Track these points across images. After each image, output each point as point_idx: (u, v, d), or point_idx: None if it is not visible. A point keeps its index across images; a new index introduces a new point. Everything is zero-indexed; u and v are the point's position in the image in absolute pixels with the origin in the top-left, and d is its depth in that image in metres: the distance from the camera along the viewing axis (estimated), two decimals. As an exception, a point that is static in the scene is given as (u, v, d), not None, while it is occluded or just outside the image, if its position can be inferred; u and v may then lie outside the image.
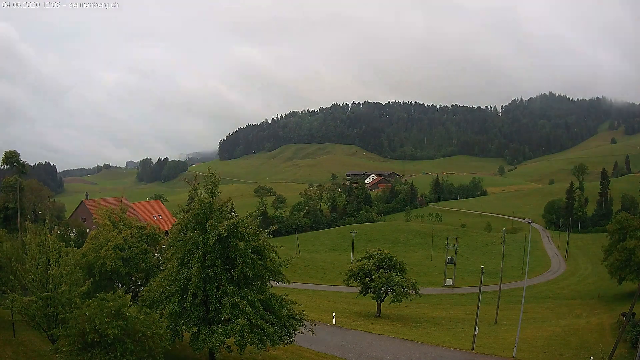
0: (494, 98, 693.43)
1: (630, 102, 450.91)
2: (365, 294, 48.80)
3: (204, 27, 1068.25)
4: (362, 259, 50.30)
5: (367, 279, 47.47)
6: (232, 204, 30.36)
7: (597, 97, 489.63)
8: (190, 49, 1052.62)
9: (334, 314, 41.97)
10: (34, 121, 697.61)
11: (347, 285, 50.58)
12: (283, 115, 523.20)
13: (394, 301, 47.05)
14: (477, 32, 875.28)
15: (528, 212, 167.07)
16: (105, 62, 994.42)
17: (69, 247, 20.75)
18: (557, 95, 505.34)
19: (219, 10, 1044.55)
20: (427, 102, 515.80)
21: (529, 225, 38.08)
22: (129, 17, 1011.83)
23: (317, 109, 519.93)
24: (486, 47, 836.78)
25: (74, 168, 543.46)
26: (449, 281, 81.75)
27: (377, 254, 49.39)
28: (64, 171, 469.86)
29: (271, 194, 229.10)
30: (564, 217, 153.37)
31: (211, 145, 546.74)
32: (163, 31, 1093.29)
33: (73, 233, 61.23)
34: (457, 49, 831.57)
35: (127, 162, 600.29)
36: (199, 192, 23.37)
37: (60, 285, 18.84)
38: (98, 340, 16.39)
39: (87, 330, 16.34)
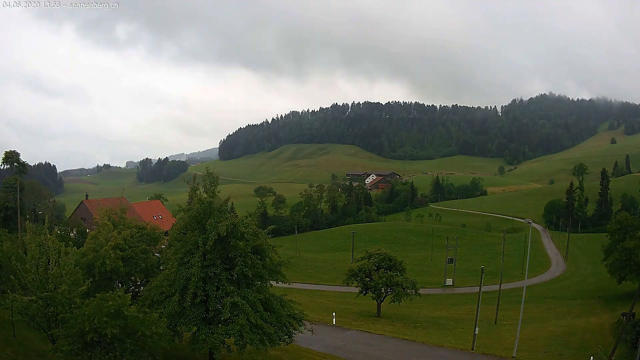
0: (494, 98, 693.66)
1: (631, 102, 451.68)
2: (365, 294, 48.80)
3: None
4: (362, 259, 50.27)
5: (367, 279, 47.49)
6: (232, 203, 30.36)
7: (597, 97, 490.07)
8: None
9: (334, 314, 41.99)
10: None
11: (347, 285, 50.59)
12: (283, 115, 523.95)
13: (394, 301, 47.07)
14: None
15: (528, 212, 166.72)
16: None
17: (68, 247, 20.75)
18: (557, 95, 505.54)
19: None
20: (427, 102, 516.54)
21: (529, 225, 38.07)
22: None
23: (317, 109, 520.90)
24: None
25: (74, 168, 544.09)
26: (449, 281, 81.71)
27: (377, 254, 49.38)
28: (64, 171, 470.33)
29: (271, 194, 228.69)
30: (564, 217, 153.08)
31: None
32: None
33: (73, 233, 61.11)
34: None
35: (127, 162, 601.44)
36: (198, 192, 23.39)
37: (60, 285, 18.83)
38: (98, 339, 16.43)
39: (87, 329, 16.37)
